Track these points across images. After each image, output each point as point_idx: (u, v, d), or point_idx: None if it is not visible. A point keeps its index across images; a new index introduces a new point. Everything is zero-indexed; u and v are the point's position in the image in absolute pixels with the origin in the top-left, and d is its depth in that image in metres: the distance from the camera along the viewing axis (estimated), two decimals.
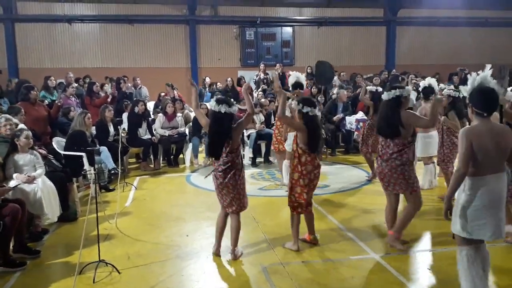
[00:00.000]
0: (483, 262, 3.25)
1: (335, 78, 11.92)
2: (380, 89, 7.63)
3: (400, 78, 11.76)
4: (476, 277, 3.22)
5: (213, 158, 4.37)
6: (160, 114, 9.15)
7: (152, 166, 8.69)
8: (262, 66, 13.22)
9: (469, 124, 3.43)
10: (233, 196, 4.28)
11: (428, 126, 5.09)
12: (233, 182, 4.24)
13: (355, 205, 6.18)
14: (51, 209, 5.07)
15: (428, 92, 6.30)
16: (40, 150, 5.75)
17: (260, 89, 12.24)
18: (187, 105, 10.75)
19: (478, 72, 3.36)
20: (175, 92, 11.29)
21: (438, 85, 11.02)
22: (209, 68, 15.26)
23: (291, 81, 6.86)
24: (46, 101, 8.50)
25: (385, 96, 4.45)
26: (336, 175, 7.92)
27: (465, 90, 3.40)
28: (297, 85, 6.73)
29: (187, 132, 9.33)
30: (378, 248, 4.60)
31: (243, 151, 8.86)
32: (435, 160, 6.47)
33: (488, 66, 3.38)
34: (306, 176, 4.43)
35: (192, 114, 10.03)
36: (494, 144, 3.15)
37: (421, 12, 16.31)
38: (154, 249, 4.69)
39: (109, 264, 4.11)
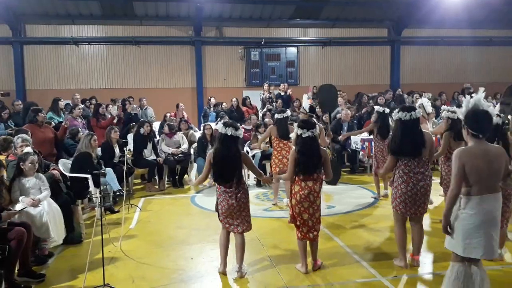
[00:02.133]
0: (479, 282, 3.31)
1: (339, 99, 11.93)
2: (387, 110, 7.64)
3: (403, 97, 11.85)
4: None
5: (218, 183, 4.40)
6: (163, 134, 9.25)
7: (157, 187, 8.70)
8: (266, 86, 13.33)
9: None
10: (243, 216, 4.40)
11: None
12: (244, 202, 4.37)
13: (361, 226, 6.13)
14: (57, 232, 5.07)
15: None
16: (55, 172, 5.78)
17: (265, 109, 12.31)
18: (192, 125, 10.83)
19: (472, 95, 3.42)
20: (184, 113, 11.41)
21: (441, 105, 11.11)
22: (215, 88, 15.39)
23: (305, 105, 7.04)
24: (53, 122, 8.58)
25: (405, 115, 4.36)
26: (341, 195, 7.89)
27: (460, 112, 3.47)
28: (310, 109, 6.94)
29: (191, 152, 9.37)
30: (385, 270, 4.54)
31: (248, 171, 8.86)
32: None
33: (482, 88, 3.48)
34: (293, 196, 4.45)
35: (197, 134, 10.09)
36: (487, 165, 3.26)
37: (425, 32, 16.44)
38: (158, 272, 4.65)
39: None
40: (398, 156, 4.42)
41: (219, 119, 10.97)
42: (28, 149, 5.63)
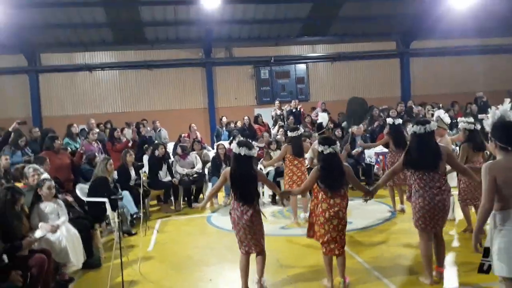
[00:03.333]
0: None
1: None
2: (399, 120, 7.62)
3: (412, 109, 11.84)
4: None
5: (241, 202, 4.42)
6: (177, 156, 9.32)
7: (173, 207, 8.74)
8: (277, 103, 13.39)
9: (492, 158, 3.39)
10: (259, 234, 4.42)
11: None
12: (256, 219, 4.39)
13: (380, 242, 6.06)
14: (76, 256, 5.11)
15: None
16: (66, 197, 5.86)
17: (277, 126, 12.35)
18: (206, 145, 10.91)
19: (498, 106, 3.35)
20: (197, 133, 11.53)
21: (454, 116, 11.01)
22: (226, 108, 15.52)
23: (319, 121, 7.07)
24: (69, 148, 8.71)
25: (419, 129, 4.34)
26: (358, 210, 7.80)
27: (487, 125, 3.38)
28: (319, 126, 6.88)
29: (206, 171, 9.41)
30: (407, 287, 4.47)
31: (263, 189, 8.86)
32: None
33: (507, 100, 3.37)
34: (321, 214, 4.42)
35: (211, 154, 10.15)
36: None
37: (434, 43, 16.42)
38: None
39: None
40: (414, 170, 4.39)
41: (231, 138, 11.04)
42: (45, 175, 5.73)
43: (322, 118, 6.96)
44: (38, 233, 4.86)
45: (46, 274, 4.33)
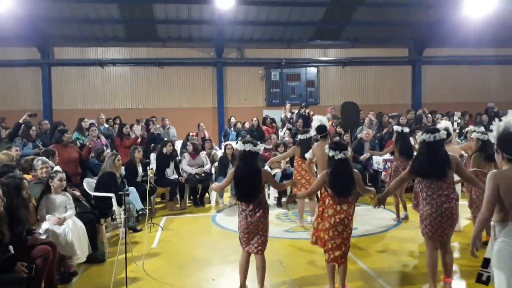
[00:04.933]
0: None
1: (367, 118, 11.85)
2: (406, 129, 7.58)
3: (421, 117, 11.80)
4: None
5: (240, 201, 4.42)
6: (186, 153, 9.34)
7: (178, 206, 8.76)
8: (288, 105, 13.36)
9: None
10: (261, 234, 4.40)
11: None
12: (263, 221, 4.38)
13: (384, 249, 6.02)
14: (81, 249, 5.15)
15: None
16: (74, 192, 5.90)
17: (285, 128, 12.34)
18: (214, 144, 10.93)
19: (501, 118, 3.36)
20: (205, 132, 11.55)
21: (464, 125, 10.91)
22: (235, 108, 15.54)
23: (314, 124, 6.86)
24: (78, 142, 8.77)
25: (429, 137, 4.30)
26: (363, 216, 7.77)
27: (492, 137, 3.40)
28: (321, 128, 6.71)
29: (213, 171, 9.43)
30: None
31: (268, 190, 8.86)
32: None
33: (511, 111, 3.39)
34: (327, 219, 4.40)
35: (219, 153, 10.16)
36: None
37: (447, 51, 16.31)
38: None
39: None
40: (422, 178, 4.36)
41: (240, 138, 11.05)
42: (57, 167, 5.78)
43: (320, 121, 6.81)
44: (44, 225, 4.91)
45: (50, 266, 4.35)
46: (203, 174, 9.02)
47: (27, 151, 7.81)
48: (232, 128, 12.73)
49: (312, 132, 7.18)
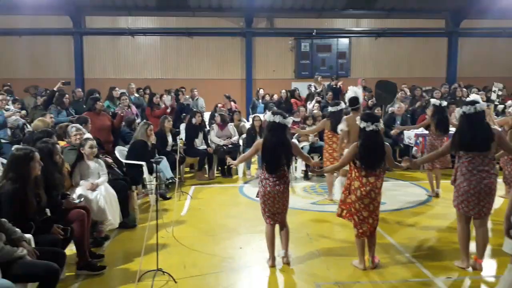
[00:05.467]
0: None
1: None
2: (444, 102, 7.35)
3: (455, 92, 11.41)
4: None
5: (268, 171, 4.42)
6: (214, 125, 9.38)
7: (206, 176, 8.87)
8: (319, 78, 13.08)
9: None
10: (285, 206, 4.49)
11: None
12: (280, 195, 4.41)
13: (413, 224, 5.95)
14: (113, 215, 5.30)
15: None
16: (106, 159, 6.04)
17: (314, 101, 12.17)
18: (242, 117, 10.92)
19: None
20: (232, 103, 11.50)
21: (501, 92, 10.42)
22: (264, 80, 15.42)
23: (348, 95, 6.70)
24: (110, 111, 8.92)
25: (469, 109, 4.19)
26: (392, 191, 7.68)
27: None
28: (353, 100, 6.54)
29: (241, 142, 9.46)
30: (438, 271, 4.40)
31: (296, 163, 8.84)
32: None
33: None
34: (353, 192, 4.36)
35: (247, 125, 10.16)
36: None
37: (485, 23, 15.58)
38: (209, 260, 4.76)
39: (166, 273, 4.22)
40: (464, 152, 4.22)
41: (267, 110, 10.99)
42: (88, 135, 5.91)
43: (355, 92, 6.62)
44: (78, 190, 5.06)
45: (84, 229, 4.50)
46: (230, 145, 9.05)
47: (61, 118, 8.00)
48: (260, 100, 12.65)
49: (343, 105, 7.04)
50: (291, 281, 4.29)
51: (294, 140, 9.03)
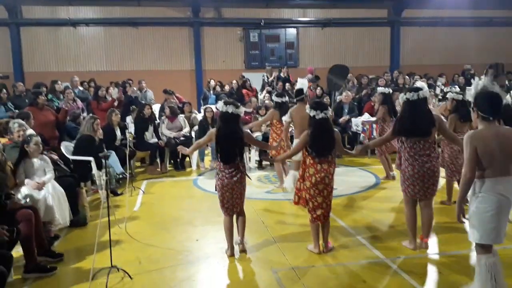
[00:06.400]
0: (499, 268, 3.26)
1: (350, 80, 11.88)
2: (390, 90, 7.65)
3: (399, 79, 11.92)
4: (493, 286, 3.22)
5: (223, 162, 4.42)
6: (164, 117, 9.23)
7: (159, 169, 8.72)
8: (269, 68, 13.21)
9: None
10: (242, 196, 4.54)
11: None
12: (238, 186, 4.45)
13: (363, 208, 6.18)
14: (62, 214, 5.10)
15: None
16: (52, 155, 5.78)
17: (265, 91, 12.27)
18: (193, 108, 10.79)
19: (481, 77, 3.40)
20: (178, 96, 11.32)
21: (444, 86, 11.05)
22: (214, 71, 15.29)
23: (296, 87, 6.87)
24: (53, 105, 8.53)
25: (412, 96, 4.30)
26: (343, 176, 7.91)
27: (470, 95, 3.45)
28: (298, 91, 6.70)
29: (193, 135, 9.37)
30: (389, 251, 4.60)
31: (249, 153, 8.90)
32: None
33: (490, 70, 3.45)
34: (308, 178, 4.46)
35: (199, 117, 10.07)
36: (500, 147, 3.18)
37: (426, 12, 16.30)
38: (165, 254, 4.71)
39: (121, 269, 4.13)
40: (406, 137, 4.40)
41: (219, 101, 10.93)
42: (30, 131, 5.62)
43: (302, 84, 6.82)
44: (23, 189, 4.82)
45: (36, 228, 4.30)
46: (182, 138, 8.94)
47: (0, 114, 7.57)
48: (211, 91, 12.56)
49: (287, 97, 7.19)
50: (249, 269, 4.33)
51: (247, 130, 9.12)
